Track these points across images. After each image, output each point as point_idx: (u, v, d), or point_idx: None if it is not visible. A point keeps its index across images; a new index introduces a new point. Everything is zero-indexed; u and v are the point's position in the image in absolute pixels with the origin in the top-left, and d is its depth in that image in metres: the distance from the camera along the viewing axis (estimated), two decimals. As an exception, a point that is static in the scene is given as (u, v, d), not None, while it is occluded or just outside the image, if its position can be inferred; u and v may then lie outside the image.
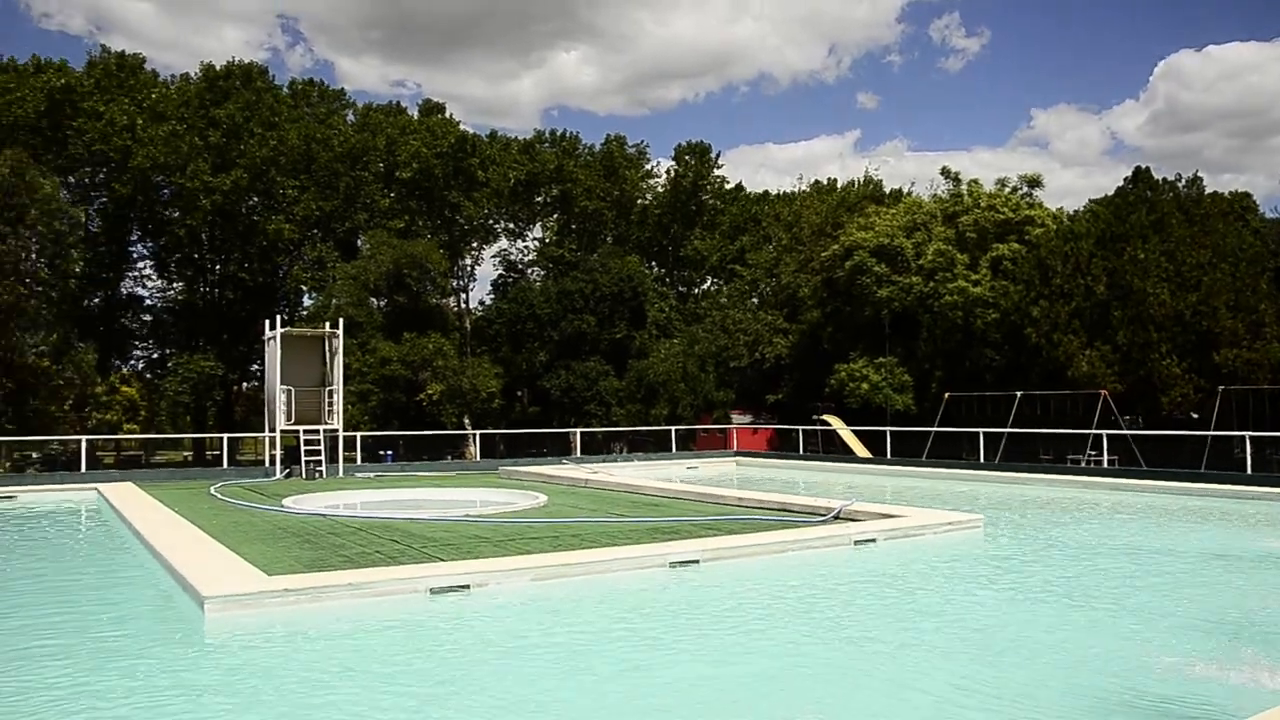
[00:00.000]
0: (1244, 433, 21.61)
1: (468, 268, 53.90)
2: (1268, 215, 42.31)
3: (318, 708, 6.41)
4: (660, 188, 56.48)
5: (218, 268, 48.28)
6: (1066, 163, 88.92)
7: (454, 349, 42.83)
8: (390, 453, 34.05)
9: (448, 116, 52.56)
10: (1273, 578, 11.28)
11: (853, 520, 13.70)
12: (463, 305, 53.05)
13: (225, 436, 28.39)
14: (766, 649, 7.95)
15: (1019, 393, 31.12)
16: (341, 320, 25.64)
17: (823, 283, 41.31)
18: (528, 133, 55.17)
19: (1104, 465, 25.05)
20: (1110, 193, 38.65)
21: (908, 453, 29.65)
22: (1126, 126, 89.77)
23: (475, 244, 53.88)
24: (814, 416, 36.83)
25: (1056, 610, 9.27)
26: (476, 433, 33.76)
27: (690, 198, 55.77)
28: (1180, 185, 39.18)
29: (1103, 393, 29.22)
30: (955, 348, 37.18)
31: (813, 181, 53.80)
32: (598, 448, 39.21)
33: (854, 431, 34.12)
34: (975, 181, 41.45)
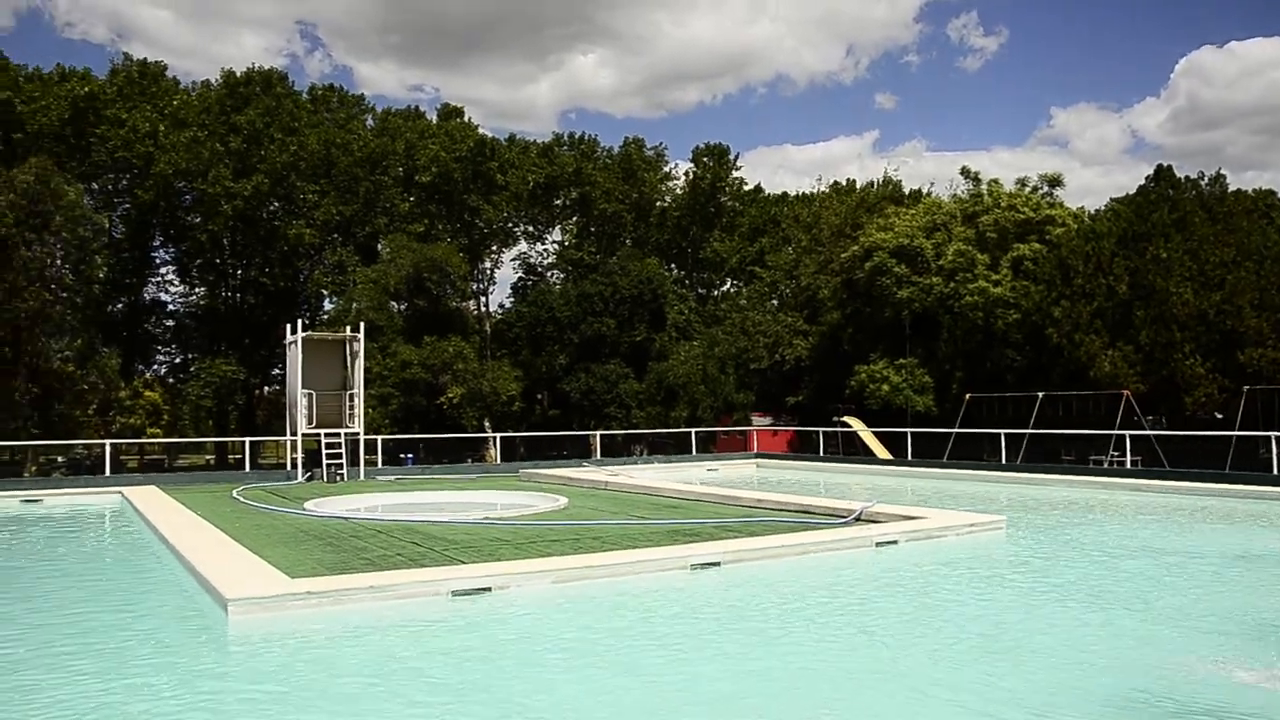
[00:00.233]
0: (1270, 433, 21.39)
1: (487, 271, 54.07)
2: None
3: (340, 710, 6.44)
4: (679, 190, 56.44)
5: (239, 272, 48.59)
6: (1087, 162, 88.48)
7: (474, 352, 42.92)
8: (411, 456, 34.13)
9: (466, 120, 52.72)
10: (1300, 579, 11.17)
11: (874, 522, 13.66)
12: (482, 308, 53.19)
13: (247, 440, 28.51)
14: (788, 651, 7.93)
15: (1040, 393, 30.94)
16: (362, 324, 25.75)
17: (842, 284, 41.20)
18: (546, 136, 55.27)
19: (1127, 466, 24.87)
20: (1131, 191, 38.43)
21: (929, 454, 29.52)
22: (1148, 124, 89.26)
23: (495, 247, 54.00)
24: (834, 418, 36.73)
25: (1081, 612, 9.21)
26: (497, 435, 33.82)
27: (709, 200, 55.71)
28: (1203, 183, 38.88)
29: (1125, 393, 29.02)
30: (976, 348, 37.00)
31: (832, 183, 53.76)
32: (618, 450, 39.23)
33: (875, 433, 34.00)
34: (995, 181, 41.29)
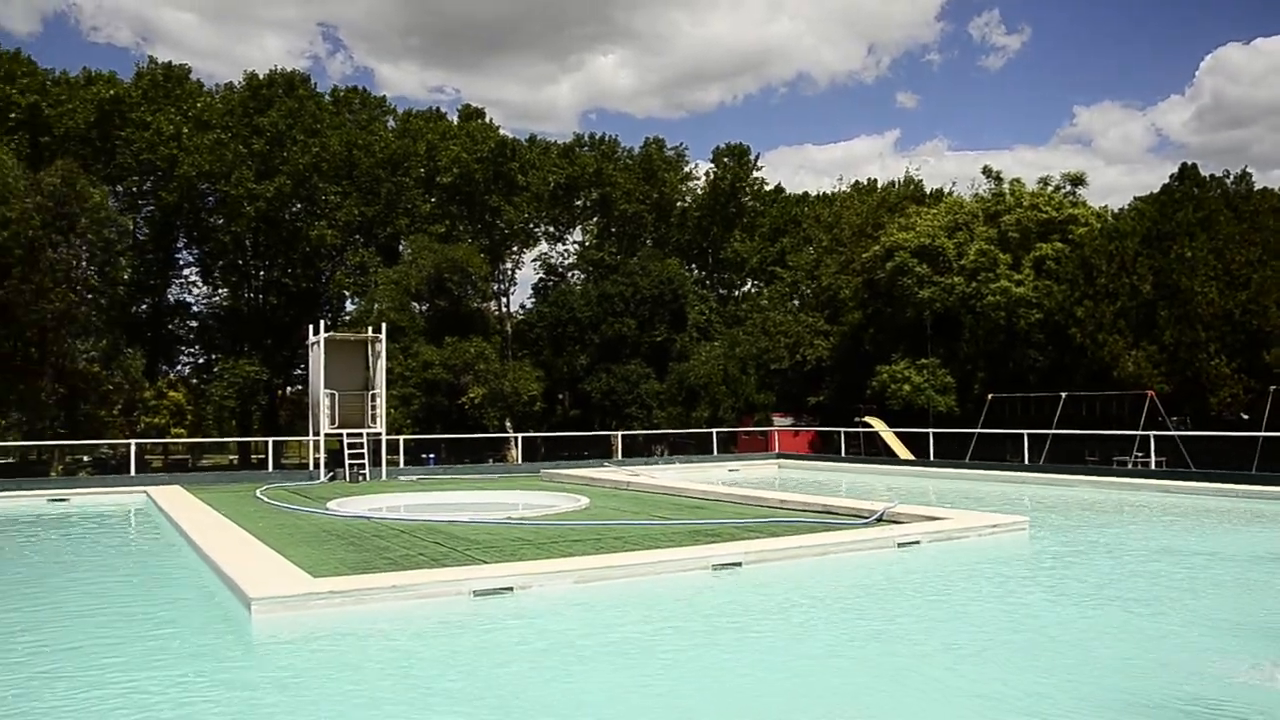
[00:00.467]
0: (1296, 433, 21.19)
1: (508, 271, 54.17)
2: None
3: (363, 709, 6.47)
4: (699, 190, 56.40)
5: (262, 274, 48.91)
6: (1110, 160, 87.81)
7: (495, 352, 43.03)
8: (433, 456, 34.25)
9: (487, 121, 52.88)
10: (1328, 581, 11.06)
11: (896, 523, 13.61)
12: (504, 309, 53.31)
13: (270, 440, 28.69)
14: (810, 652, 7.91)
15: (1063, 394, 30.75)
16: (384, 324, 25.87)
17: (863, 284, 41.07)
18: (566, 136, 55.49)
19: (1151, 467, 24.68)
20: (1156, 190, 38.05)
21: (950, 455, 29.40)
22: (1172, 122, 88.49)
23: (516, 248, 54.10)
24: (856, 419, 36.61)
25: (1105, 614, 9.15)
26: (518, 436, 33.92)
27: (729, 200, 55.65)
28: (1228, 181, 38.46)
29: (1149, 393, 28.79)
30: (998, 348, 36.80)
31: (853, 182, 53.56)
32: (639, 450, 39.25)
33: (896, 433, 33.88)
34: (1017, 180, 41.05)
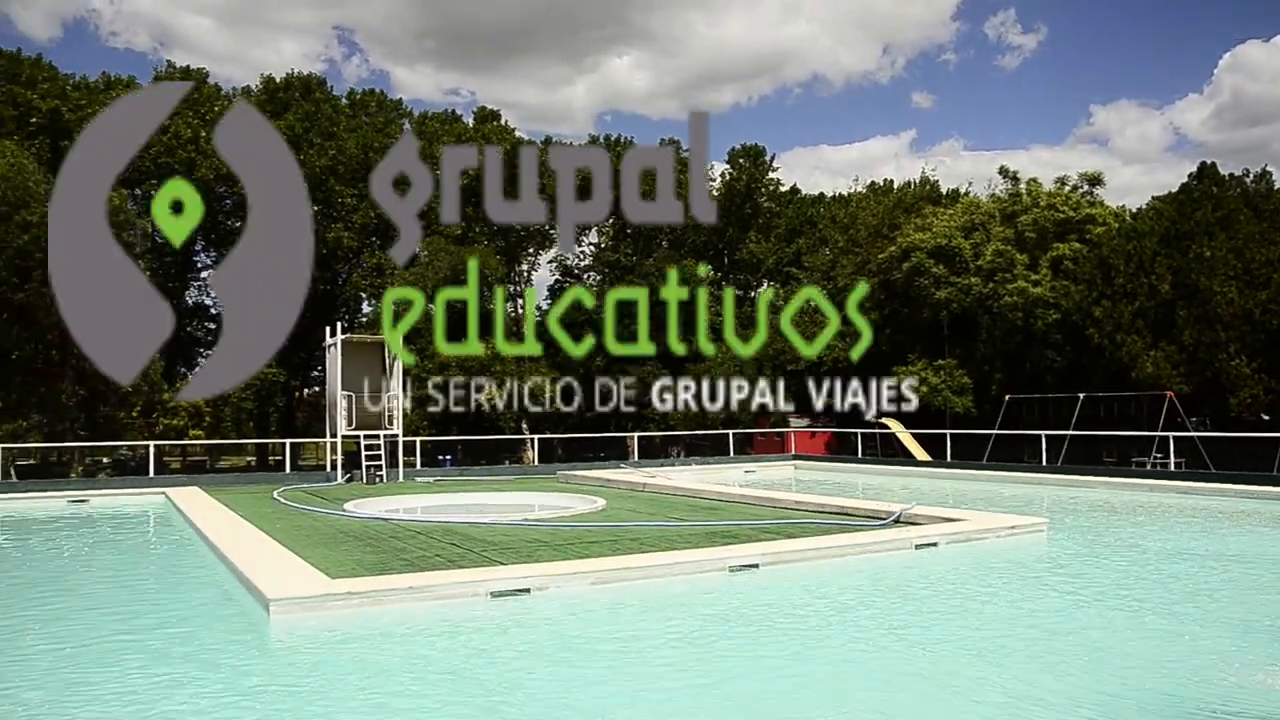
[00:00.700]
0: (1318, 434, 21.02)
1: (524, 273, 54.25)
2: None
3: (381, 710, 6.49)
4: (715, 191, 56.35)
5: (279, 276, 49.08)
6: (1128, 160, 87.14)
7: (511, 354, 43.06)
8: (449, 457, 34.33)
9: (503, 123, 52.96)
10: (1350, 583, 10.97)
11: (913, 524, 13.56)
12: (519, 310, 53.38)
13: (287, 442, 28.81)
14: (827, 654, 7.90)
15: (1081, 395, 30.58)
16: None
17: (880, 284, 40.96)
18: (582, 138, 55.39)
19: (1170, 468, 24.52)
20: (1174, 189, 37.88)
21: (968, 456, 29.29)
22: (1190, 121, 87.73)
23: (531, 249, 54.16)
24: (872, 419, 36.49)
25: (1125, 617, 9.10)
26: (534, 437, 33.93)
27: (745, 201, 55.58)
28: (1248, 180, 38.21)
29: (1168, 394, 28.61)
30: (1015, 349, 36.65)
31: (869, 183, 53.40)
32: (655, 452, 39.21)
33: (913, 434, 33.77)
34: (1034, 180, 40.88)
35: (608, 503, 17.58)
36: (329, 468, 25.18)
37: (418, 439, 29.59)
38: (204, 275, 49.43)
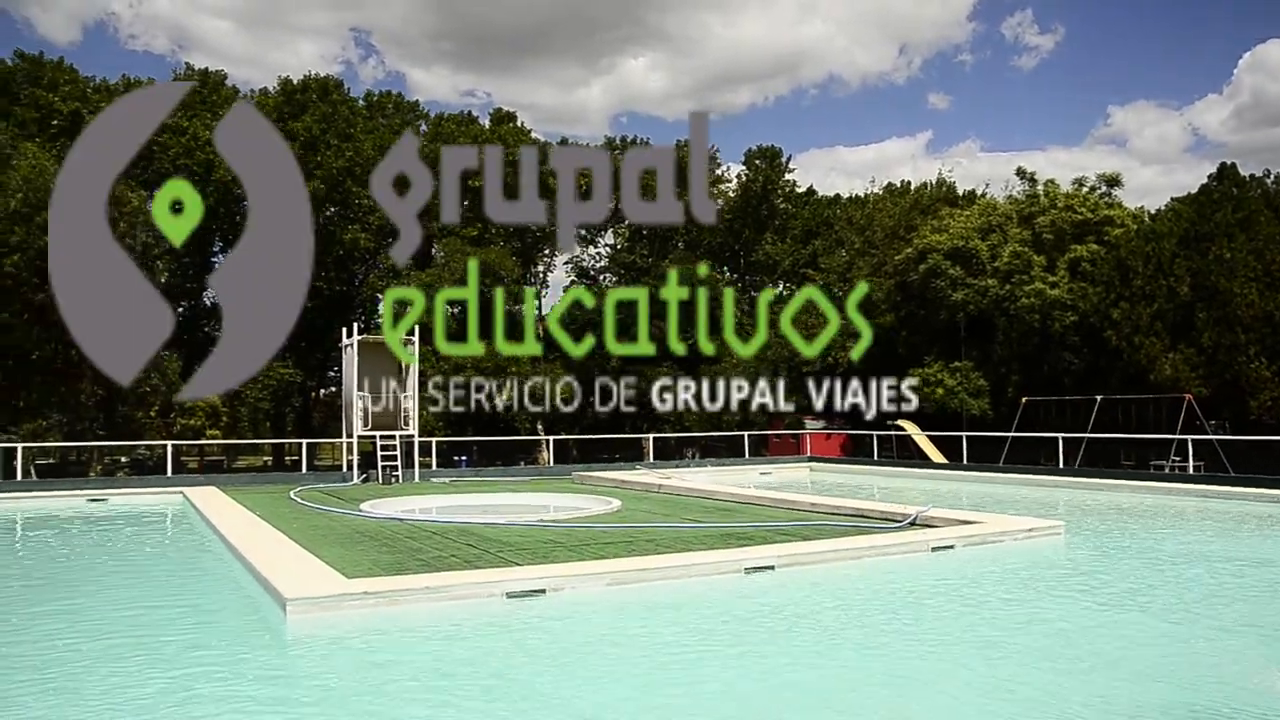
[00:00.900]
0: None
1: (540, 274, 54.31)
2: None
3: (396, 709, 6.51)
4: (731, 193, 56.32)
5: (296, 277, 49.27)
6: (1146, 160, 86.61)
7: (526, 355, 43.14)
8: (464, 458, 34.41)
9: (519, 125, 53.04)
10: (1371, 588, 10.88)
11: (929, 526, 13.51)
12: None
13: (304, 442, 28.95)
14: (843, 656, 7.88)
15: (1099, 397, 30.41)
16: (416, 327, 26.00)
17: (896, 286, 40.83)
18: (598, 139, 55.44)
19: (1189, 472, 24.37)
20: (1193, 191, 37.58)
21: (984, 458, 29.18)
22: (1209, 121, 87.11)
23: (547, 251, 54.25)
24: (888, 422, 36.39)
25: (1143, 621, 9.05)
26: (549, 438, 33.95)
27: (761, 202, 55.52)
28: (1269, 181, 37.91)
29: (1187, 397, 28.42)
30: (1032, 351, 36.49)
31: (885, 184, 53.28)
32: (670, 453, 39.21)
33: (929, 437, 33.66)
34: (1051, 181, 40.66)
35: (623, 504, 17.58)
36: (345, 468, 25.27)
37: (433, 439, 29.67)
38: (222, 276, 49.69)
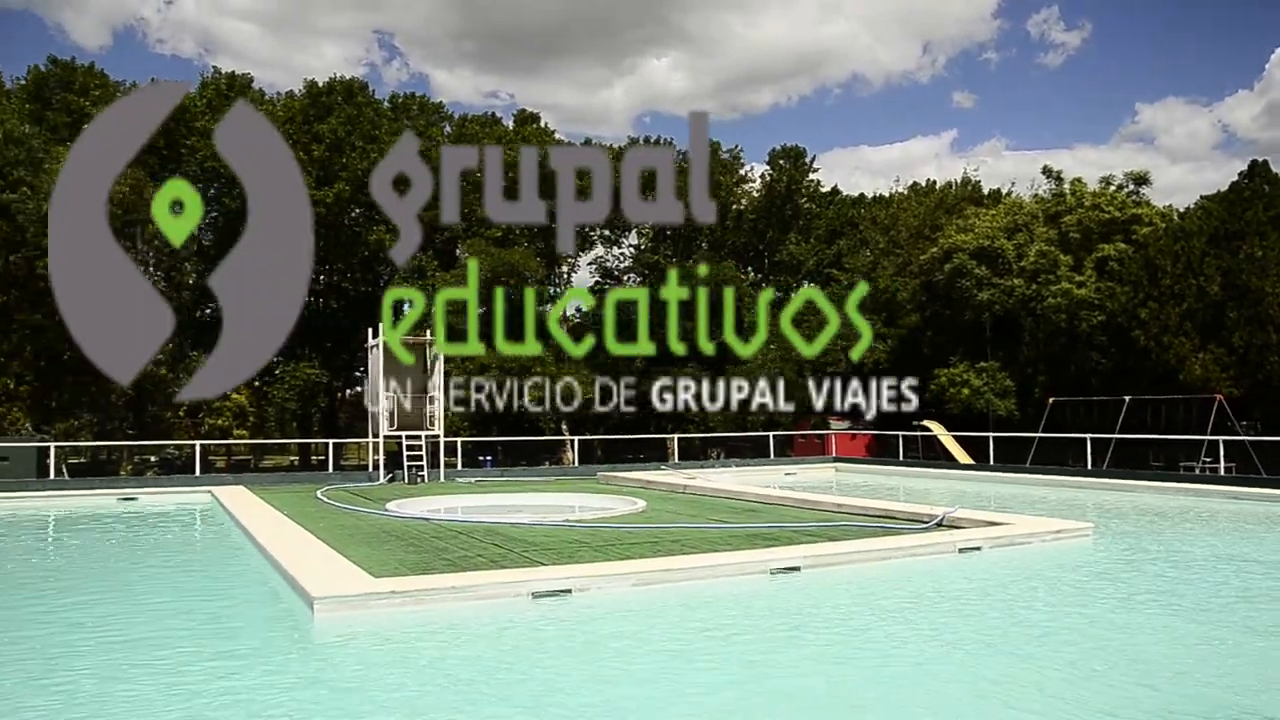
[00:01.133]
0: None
1: (564, 275, 54.39)
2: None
3: (422, 708, 6.54)
4: (755, 193, 56.22)
5: (321, 278, 49.55)
6: (1175, 158, 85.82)
7: (551, 355, 43.24)
8: (490, 458, 34.52)
9: (542, 126, 53.15)
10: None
11: (956, 528, 13.44)
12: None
13: (330, 442, 29.13)
14: (870, 658, 7.85)
15: (1127, 397, 30.15)
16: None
17: (921, 286, 40.66)
18: (621, 140, 55.48)
19: (1220, 473, 24.12)
20: (1223, 188, 37.20)
21: (1011, 459, 29.00)
22: (1240, 118, 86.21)
23: (571, 251, 54.32)
24: (914, 423, 36.23)
25: (1175, 624, 8.96)
26: (574, 438, 34.00)
27: (785, 202, 55.39)
28: (1300, 179, 37.54)
29: (1218, 397, 28.14)
30: (1059, 351, 36.23)
31: (910, 183, 53.06)
32: (695, 454, 39.20)
33: (955, 437, 33.49)
34: (1078, 180, 40.38)
35: (648, 504, 17.59)
36: (371, 468, 25.40)
37: (459, 439, 29.78)
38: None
